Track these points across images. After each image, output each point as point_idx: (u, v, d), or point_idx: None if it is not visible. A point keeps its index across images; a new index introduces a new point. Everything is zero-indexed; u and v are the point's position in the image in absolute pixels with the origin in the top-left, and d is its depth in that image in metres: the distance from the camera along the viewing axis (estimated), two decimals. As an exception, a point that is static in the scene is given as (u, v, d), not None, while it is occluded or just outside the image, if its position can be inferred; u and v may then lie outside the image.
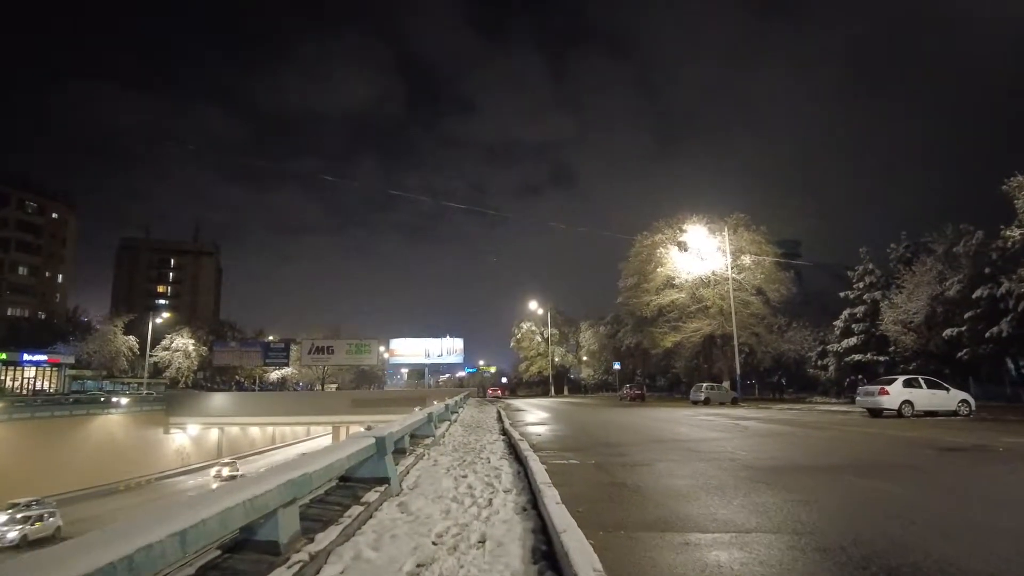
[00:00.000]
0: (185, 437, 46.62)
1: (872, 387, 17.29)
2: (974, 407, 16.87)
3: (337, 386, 67.24)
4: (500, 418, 15.74)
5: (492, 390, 66.71)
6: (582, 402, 37.09)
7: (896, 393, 16.60)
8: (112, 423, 38.88)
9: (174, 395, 48.60)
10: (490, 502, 4.74)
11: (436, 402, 16.71)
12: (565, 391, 64.39)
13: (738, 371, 32.34)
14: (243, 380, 67.23)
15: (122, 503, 31.68)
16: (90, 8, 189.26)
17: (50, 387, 49.58)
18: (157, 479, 39.91)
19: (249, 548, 2.98)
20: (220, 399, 48.73)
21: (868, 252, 32.22)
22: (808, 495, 5.09)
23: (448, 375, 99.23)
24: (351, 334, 61.12)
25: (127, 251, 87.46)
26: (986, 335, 22.91)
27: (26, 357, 48.99)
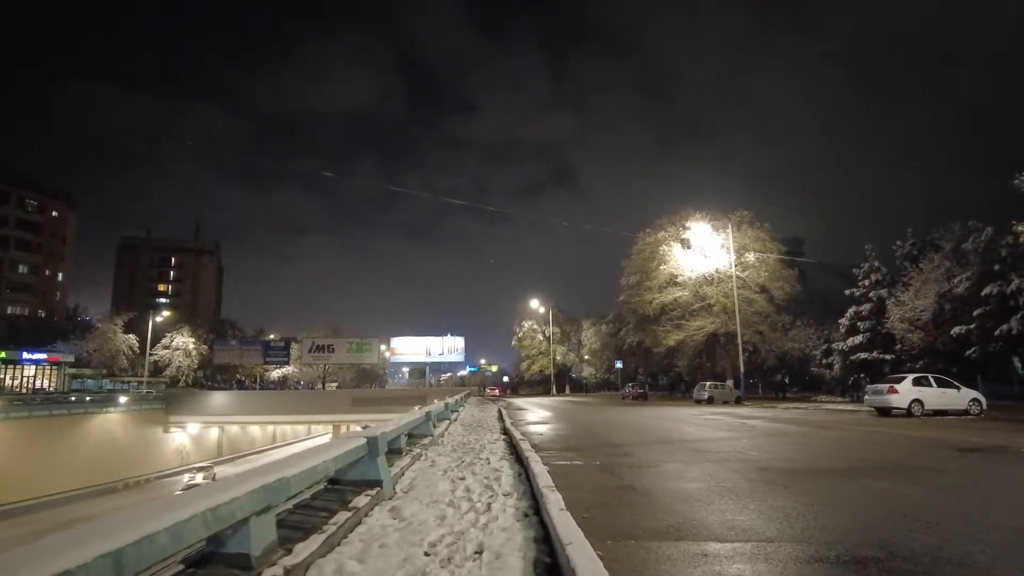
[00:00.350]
0: (185, 436, 46.32)
1: (881, 385, 16.94)
2: (985, 406, 16.53)
3: (338, 385, 66.97)
4: (501, 417, 15.42)
5: (490, 389, 64.84)
6: (584, 401, 36.75)
7: (906, 392, 16.26)
8: (111, 422, 38.63)
9: (174, 394, 48.34)
10: (489, 507, 4.42)
11: (436, 401, 16.39)
12: (567, 390, 64.03)
13: (742, 370, 31.99)
14: (244, 379, 67.06)
15: (120, 502, 31.38)
16: (90, 7, 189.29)
17: (50, 386, 49.45)
18: (156, 478, 39.60)
19: (217, 561, 2.67)
20: (220, 398, 48.45)
21: (874, 249, 31.76)
22: (828, 499, 4.77)
23: (449, 374, 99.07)
24: (352, 333, 60.85)
25: (128, 250, 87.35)
26: (995, 333, 22.51)
27: (26, 356, 48.89)
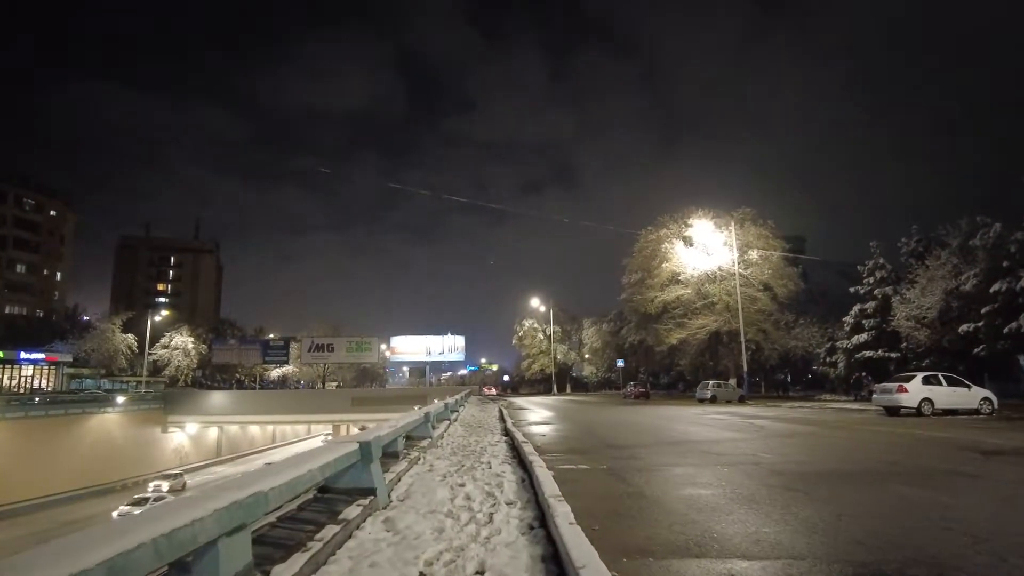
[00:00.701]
0: (184, 436, 46.05)
1: (890, 384, 16.59)
2: (996, 405, 16.20)
3: (337, 384, 66.65)
4: (502, 417, 15.09)
5: (487, 388, 62.84)
6: (585, 400, 36.43)
7: (915, 390, 15.92)
8: (109, 422, 38.34)
9: (172, 393, 48.02)
10: (491, 518, 4.09)
11: (437, 400, 16.06)
12: (568, 389, 63.70)
13: (745, 368, 31.64)
14: (243, 378, 66.69)
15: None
16: (90, 6, 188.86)
17: (48, 386, 49.08)
18: (155, 479, 39.32)
19: (180, 590, 2.33)
20: (219, 397, 48.15)
21: (879, 246, 31.41)
22: (857, 508, 4.43)
23: (450, 373, 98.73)
24: (352, 332, 60.52)
25: (127, 249, 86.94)
26: (1004, 331, 22.15)
27: (23, 355, 48.50)
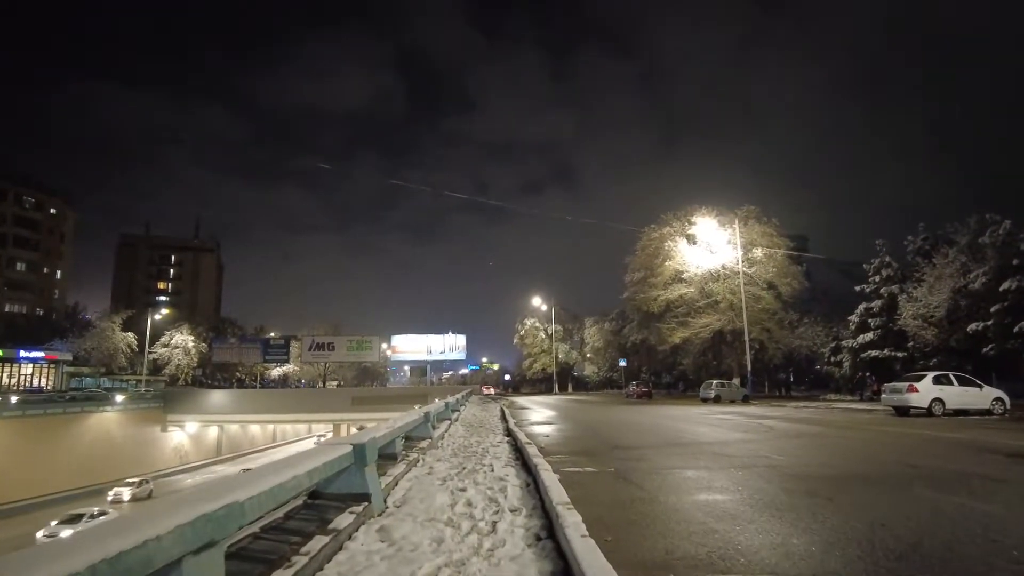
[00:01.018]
0: (183, 435, 45.85)
1: (900, 384, 16.26)
2: (1009, 405, 15.86)
3: (338, 383, 66.42)
4: (504, 417, 14.79)
5: (485, 388, 60.31)
6: (587, 400, 36.11)
7: (926, 390, 15.59)
8: (108, 421, 38.12)
9: (172, 392, 47.80)
10: (494, 527, 3.78)
11: (437, 400, 15.76)
12: (569, 388, 63.40)
13: (749, 368, 31.29)
14: (244, 377, 66.48)
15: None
16: (91, 5, 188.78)
17: (48, 384, 48.90)
18: (154, 478, 39.07)
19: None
20: (219, 396, 47.93)
21: (885, 245, 31.02)
22: (889, 516, 4.10)
23: (451, 372, 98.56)
24: (353, 331, 60.29)
25: (127, 248, 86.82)
26: (1014, 330, 21.80)
27: (23, 354, 48.35)
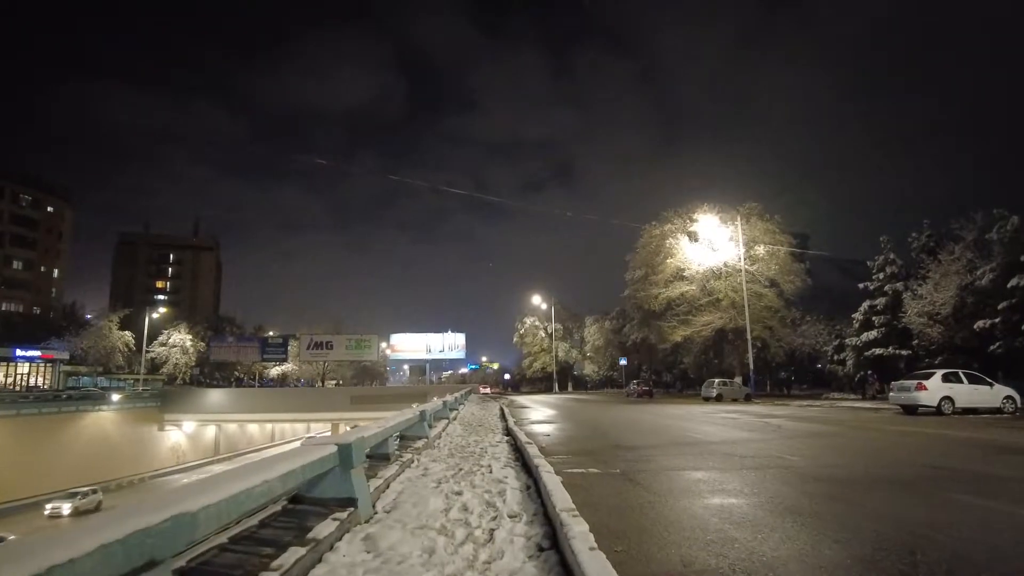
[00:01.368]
0: (181, 434, 45.50)
1: (908, 382, 15.92)
2: (1020, 404, 15.53)
3: (336, 382, 66.09)
4: (503, 416, 14.45)
5: (483, 387, 59.20)
6: (588, 399, 35.80)
7: (935, 388, 15.26)
8: (104, 420, 37.77)
9: (169, 391, 47.46)
10: (491, 535, 3.42)
11: (436, 398, 15.42)
12: (569, 387, 63.11)
13: (751, 366, 30.95)
14: (243, 376, 66.08)
15: (111, 502, 30.54)
16: (91, 4, 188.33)
17: (45, 383, 48.53)
18: (151, 478, 38.80)
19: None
20: (216, 395, 47.59)
21: (889, 241, 30.65)
22: (924, 523, 3.73)
23: (450, 371, 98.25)
24: (352, 330, 59.95)
25: (126, 246, 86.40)
26: (1023, 327, 21.44)
27: (19, 353, 47.96)
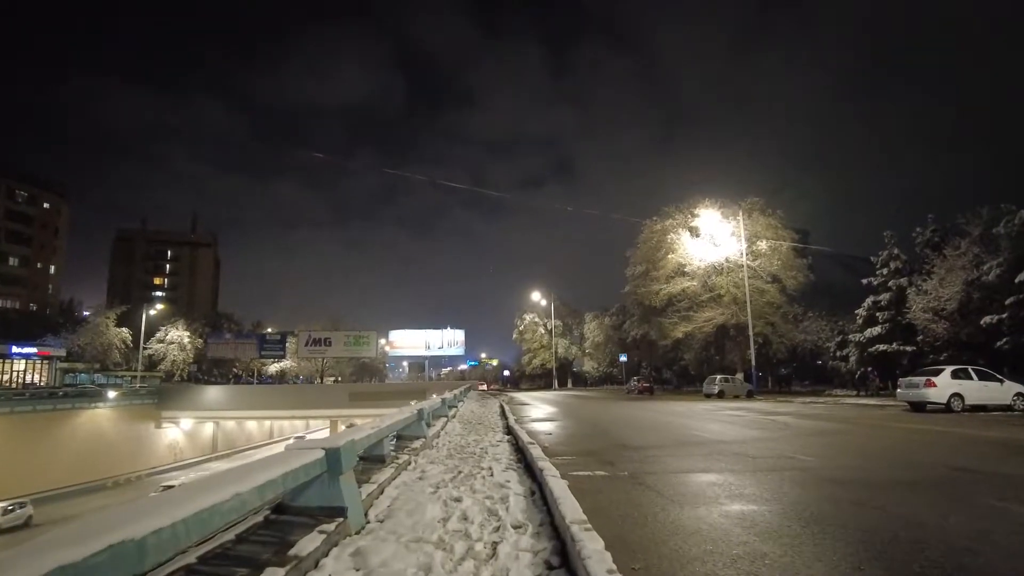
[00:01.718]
0: (178, 432, 45.18)
1: (917, 379, 15.63)
2: (1031, 401, 15.23)
3: (335, 379, 65.82)
4: (504, 414, 14.14)
5: (480, 384, 57.89)
6: (588, 395, 35.52)
7: (944, 385, 14.95)
8: (100, 417, 37.45)
9: (166, 388, 47.11)
10: (494, 550, 3.10)
11: (435, 395, 15.12)
12: (569, 384, 62.87)
13: (753, 363, 30.67)
14: (241, 373, 65.76)
15: (107, 500, 30.26)
16: (91, 2, 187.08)
17: (41, 380, 48.21)
18: (148, 475, 38.50)
19: None
20: (214, 392, 47.26)
21: (893, 236, 30.32)
22: (969, 535, 3.41)
23: (449, 368, 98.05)
24: (350, 326, 59.63)
25: (124, 242, 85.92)
26: (1030, 323, 21.17)
27: (15, 350, 47.61)
